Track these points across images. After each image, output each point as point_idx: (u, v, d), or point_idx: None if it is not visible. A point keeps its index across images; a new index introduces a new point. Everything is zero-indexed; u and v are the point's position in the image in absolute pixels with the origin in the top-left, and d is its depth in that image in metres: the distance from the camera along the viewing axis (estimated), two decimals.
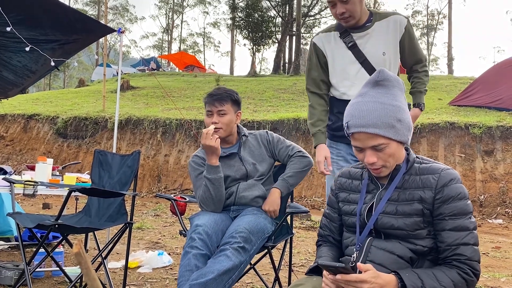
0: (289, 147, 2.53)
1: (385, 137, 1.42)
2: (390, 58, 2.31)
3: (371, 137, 1.42)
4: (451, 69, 30.44)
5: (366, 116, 1.42)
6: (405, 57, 2.39)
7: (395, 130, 1.43)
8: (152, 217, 6.61)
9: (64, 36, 4.31)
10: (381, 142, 1.42)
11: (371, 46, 2.30)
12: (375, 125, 1.41)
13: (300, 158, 2.49)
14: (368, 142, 1.43)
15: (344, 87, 2.37)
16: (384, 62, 2.29)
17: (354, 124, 1.44)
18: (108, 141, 10.35)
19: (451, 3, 31.77)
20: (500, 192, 7.09)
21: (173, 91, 15.09)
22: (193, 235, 2.14)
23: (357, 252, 1.48)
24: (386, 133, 1.42)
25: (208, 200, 2.35)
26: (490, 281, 3.56)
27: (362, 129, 1.43)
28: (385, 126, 1.41)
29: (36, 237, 2.94)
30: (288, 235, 2.54)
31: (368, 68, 2.30)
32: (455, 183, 1.43)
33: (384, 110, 1.43)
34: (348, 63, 2.33)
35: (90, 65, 45.26)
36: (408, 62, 2.42)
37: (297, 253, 4.36)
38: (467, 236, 1.39)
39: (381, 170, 1.47)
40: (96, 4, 41.53)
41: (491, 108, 9.25)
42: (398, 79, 1.51)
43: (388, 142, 1.43)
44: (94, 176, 3.18)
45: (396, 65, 2.37)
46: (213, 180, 2.32)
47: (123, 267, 3.46)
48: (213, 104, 2.41)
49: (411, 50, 2.38)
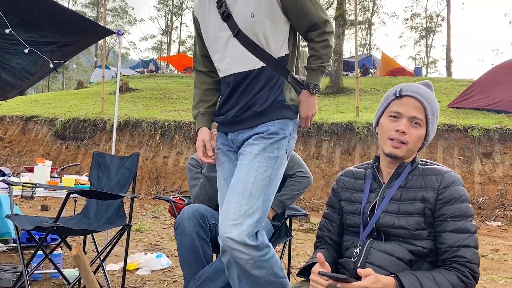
0: (289, 164, 2.47)
1: (426, 117, 1.48)
2: (261, 21, 1.71)
3: (418, 107, 1.47)
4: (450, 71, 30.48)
5: (424, 92, 1.49)
6: (294, 22, 1.79)
7: (433, 119, 1.50)
8: (151, 219, 6.60)
9: (63, 38, 4.31)
10: (421, 118, 1.47)
11: (239, 5, 1.73)
12: (427, 99, 1.48)
13: (300, 179, 2.49)
14: (412, 111, 1.47)
15: (216, 61, 1.86)
16: (253, 25, 1.71)
17: (410, 89, 1.49)
18: (106, 143, 10.35)
19: (449, 5, 31.84)
20: (498, 195, 7.10)
21: (172, 93, 15.09)
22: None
23: (360, 247, 1.48)
24: (430, 113, 1.48)
25: (203, 197, 2.37)
26: (489, 283, 3.56)
27: (417, 95, 1.47)
28: (432, 109, 1.49)
29: (34, 239, 2.93)
30: (287, 238, 2.54)
31: (238, 35, 1.74)
32: (457, 185, 1.44)
33: (434, 99, 1.51)
34: (218, 29, 1.79)
35: (89, 67, 45.26)
36: (300, 27, 1.80)
37: (295, 255, 4.36)
38: (468, 238, 1.39)
39: (402, 147, 1.48)
40: (95, 6, 41.54)
41: (489, 111, 9.27)
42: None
43: (424, 122, 1.49)
44: (93, 178, 3.17)
45: (276, 32, 1.76)
46: (210, 178, 2.35)
47: (121, 269, 3.46)
48: None
49: (298, 10, 1.74)
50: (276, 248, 2.62)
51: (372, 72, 24.60)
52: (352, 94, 12.40)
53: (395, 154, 1.48)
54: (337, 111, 10.72)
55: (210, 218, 2.21)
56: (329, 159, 8.59)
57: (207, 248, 2.16)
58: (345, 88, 13.57)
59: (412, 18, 42.47)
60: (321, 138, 8.87)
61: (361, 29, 40.96)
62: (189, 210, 2.16)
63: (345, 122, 8.84)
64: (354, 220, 1.55)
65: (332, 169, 8.41)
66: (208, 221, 2.19)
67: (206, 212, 2.21)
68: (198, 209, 2.18)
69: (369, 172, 1.59)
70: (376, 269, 1.38)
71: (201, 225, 2.13)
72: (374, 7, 40.51)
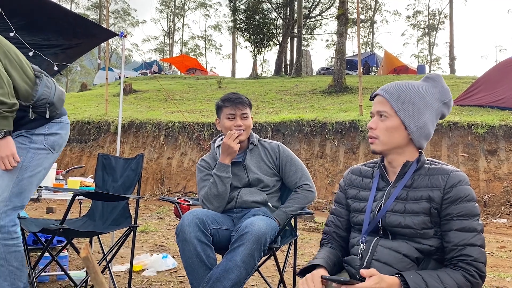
0: (298, 175, 2.50)
1: (392, 108, 1.48)
2: None
3: (381, 101, 1.51)
4: (453, 68, 30.38)
5: (391, 86, 1.53)
6: None
7: (404, 108, 1.48)
8: (156, 220, 6.62)
9: (66, 40, 4.33)
10: (386, 110, 1.49)
11: None
12: (391, 93, 1.50)
13: (307, 192, 2.48)
14: (377, 106, 1.52)
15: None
16: None
17: (379, 90, 1.54)
18: (111, 145, 10.37)
19: (452, 2, 31.73)
20: (504, 192, 7.07)
21: (175, 94, 15.11)
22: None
23: (363, 244, 1.49)
24: (395, 104, 1.48)
25: (212, 197, 2.37)
26: (495, 281, 3.54)
27: (380, 91, 1.53)
28: (398, 99, 1.48)
29: (40, 242, 2.94)
30: (292, 238, 2.53)
31: None
32: (463, 184, 1.43)
33: (408, 89, 1.50)
34: None
35: (92, 69, 45.42)
36: None
37: (301, 255, 4.35)
38: (474, 237, 1.39)
39: (373, 141, 1.52)
40: (97, 9, 41.66)
41: (494, 108, 9.23)
42: (446, 90, 1.54)
43: (392, 114, 1.49)
44: (98, 180, 3.19)
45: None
46: (222, 178, 2.36)
47: (127, 270, 3.47)
48: (237, 107, 2.44)
49: None
50: (281, 248, 2.62)
51: (375, 71, 24.56)
52: (355, 92, 12.38)
53: (373, 149, 1.54)
54: (341, 109, 10.71)
55: (211, 224, 2.21)
56: (333, 158, 8.58)
57: (210, 252, 2.16)
58: (348, 87, 13.55)
59: (415, 15, 42.38)
60: (325, 137, 8.86)
61: (364, 28, 40.87)
62: (189, 217, 2.17)
63: (349, 120, 8.82)
64: (361, 218, 1.55)
65: (336, 168, 8.40)
66: (208, 226, 2.19)
67: (206, 217, 2.21)
68: (198, 215, 2.19)
69: (376, 171, 1.60)
70: (382, 266, 1.38)
71: (201, 231, 2.13)
72: (376, 5, 40.42)
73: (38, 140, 2.26)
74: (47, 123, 2.32)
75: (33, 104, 2.20)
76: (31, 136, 2.25)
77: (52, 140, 2.30)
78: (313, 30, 30.56)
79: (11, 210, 2.13)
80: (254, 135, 2.56)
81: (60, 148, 2.38)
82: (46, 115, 2.26)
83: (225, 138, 2.36)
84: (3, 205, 2.10)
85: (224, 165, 2.38)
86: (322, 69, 25.22)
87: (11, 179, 2.13)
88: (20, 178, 2.15)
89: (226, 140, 2.35)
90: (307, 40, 30.73)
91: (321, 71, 24.49)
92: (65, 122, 2.43)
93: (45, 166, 2.30)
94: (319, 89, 14.27)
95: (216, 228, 2.23)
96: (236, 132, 2.37)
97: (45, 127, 2.30)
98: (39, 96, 2.21)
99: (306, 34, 29.51)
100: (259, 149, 2.53)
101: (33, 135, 2.26)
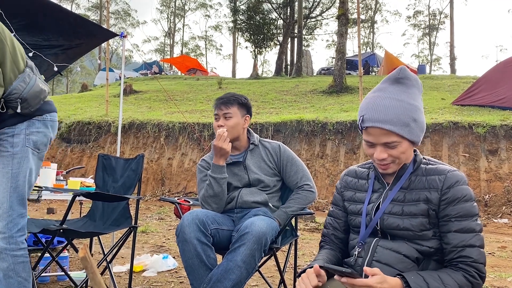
0: (299, 175, 2.49)
1: (399, 135, 1.41)
2: None
3: (385, 133, 1.41)
4: (454, 68, 30.37)
5: (383, 111, 1.41)
6: None
7: (410, 129, 1.42)
8: (156, 220, 6.62)
9: (66, 41, 4.33)
10: (394, 140, 1.41)
11: None
12: (391, 121, 1.40)
13: (307, 193, 2.47)
14: (381, 138, 1.42)
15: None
16: None
17: (369, 118, 1.42)
18: (111, 145, 10.38)
19: (452, 2, 31.71)
20: (505, 192, 7.06)
21: (176, 94, 15.12)
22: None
23: (359, 249, 1.48)
24: (401, 131, 1.40)
25: (209, 198, 2.37)
26: (497, 281, 3.54)
27: (377, 124, 1.40)
28: (401, 124, 1.40)
29: (41, 242, 2.94)
30: (293, 238, 2.53)
31: None
32: (461, 184, 1.42)
33: (402, 108, 1.41)
34: None
35: (93, 70, 45.44)
36: None
37: (302, 255, 4.35)
38: (473, 238, 1.38)
39: (390, 166, 1.46)
40: (98, 9, 41.69)
41: (494, 107, 9.22)
42: (417, 79, 1.49)
43: (401, 140, 1.42)
44: (98, 180, 3.19)
45: None
46: (218, 179, 2.35)
47: (128, 271, 3.46)
48: (219, 107, 2.45)
49: None
50: (282, 248, 2.62)
51: (375, 71, 24.54)
52: (356, 92, 12.38)
53: (388, 173, 1.50)
54: (341, 110, 10.70)
55: (211, 224, 2.21)
56: (333, 158, 8.58)
57: (211, 252, 2.15)
58: (349, 87, 13.55)
59: (415, 15, 42.36)
60: (326, 137, 8.86)
61: (364, 28, 40.87)
62: (189, 217, 2.17)
63: (349, 121, 8.82)
64: (359, 220, 1.54)
65: (337, 168, 8.40)
66: (209, 226, 2.19)
67: (206, 218, 2.20)
68: (198, 215, 2.18)
69: (372, 172, 1.58)
70: (383, 267, 1.37)
71: (201, 231, 2.13)
72: (377, 6, 40.42)
73: (20, 142, 2.18)
74: (27, 120, 2.23)
75: (5, 97, 2.12)
76: (11, 139, 2.17)
77: (34, 139, 2.23)
78: (313, 30, 30.57)
79: (19, 218, 2.10)
80: (255, 135, 2.56)
81: (45, 147, 2.31)
82: (18, 110, 2.16)
83: (215, 140, 2.35)
84: (7, 216, 2.07)
85: (218, 166, 2.37)
86: (322, 69, 25.22)
87: (6, 188, 2.10)
88: (15, 186, 2.12)
89: (216, 142, 2.33)
90: (307, 40, 30.75)
91: (322, 71, 24.50)
92: (49, 120, 2.33)
93: (34, 167, 2.25)
94: (320, 89, 14.27)
95: (216, 228, 2.23)
96: (225, 132, 2.34)
97: (25, 124, 2.21)
98: (11, 90, 2.12)
99: (307, 34, 29.51)
100: (259, 149, 2.52)
101: (14, 136, 2.18)
